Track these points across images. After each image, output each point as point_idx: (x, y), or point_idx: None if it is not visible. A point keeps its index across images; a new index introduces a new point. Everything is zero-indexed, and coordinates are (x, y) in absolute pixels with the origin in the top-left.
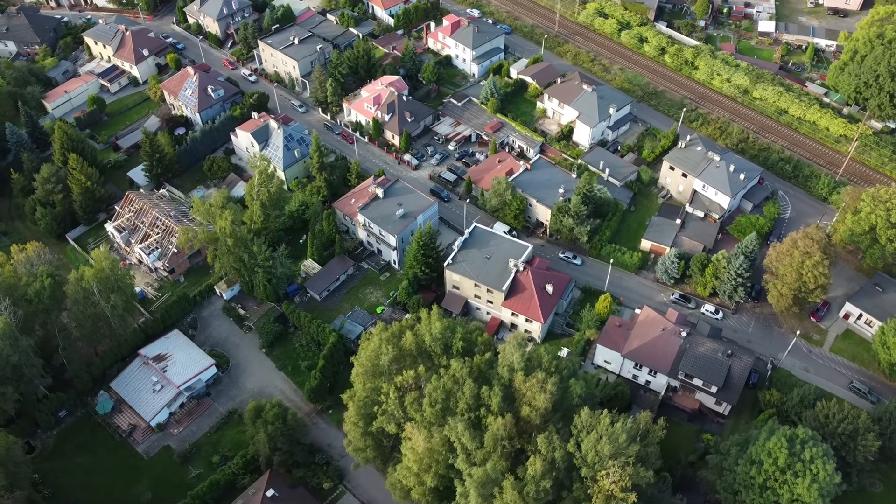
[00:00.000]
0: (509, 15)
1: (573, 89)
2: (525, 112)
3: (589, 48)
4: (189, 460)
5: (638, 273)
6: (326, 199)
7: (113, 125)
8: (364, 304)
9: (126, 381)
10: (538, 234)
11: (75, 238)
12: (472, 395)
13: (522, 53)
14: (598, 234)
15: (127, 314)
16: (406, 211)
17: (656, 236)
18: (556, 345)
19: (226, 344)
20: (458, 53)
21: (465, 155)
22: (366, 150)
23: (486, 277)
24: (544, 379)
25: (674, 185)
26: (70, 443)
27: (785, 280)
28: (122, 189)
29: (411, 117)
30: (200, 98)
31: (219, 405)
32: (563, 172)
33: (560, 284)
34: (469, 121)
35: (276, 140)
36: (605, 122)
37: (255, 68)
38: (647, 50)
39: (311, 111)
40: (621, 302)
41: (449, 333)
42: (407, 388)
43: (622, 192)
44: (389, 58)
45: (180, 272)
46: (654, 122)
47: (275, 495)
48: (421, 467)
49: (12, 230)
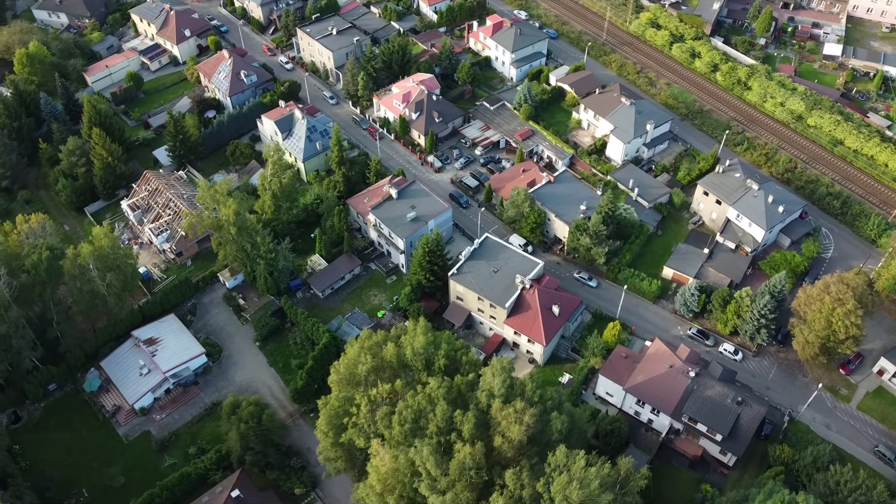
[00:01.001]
0: (557, 19)
1: (610, 101)
2: (560, 122)
3: (636, 59)
4: (166, 448)
5: (656, 302)
6: (342, 194)
7: (148, 103)
8: (366, 306)
9: (116, 361)
10: (555, 250)
11: (93, 213)
12: (445, 417)
13: (566, 60)
14: (617, 257)
15: (125, 294)
16: (418, 214)
17: (680, 264)
18: (558, 370)
19: (221, 333)
20: (498, 56)
21: (491, 161)
22: (391, 147)
23: (490, 291)
24: (523, 409)
25: (707, 211)
26: (55, 417)
27: (812, 327)
28: (146, 167)
29: (439, 118)
30: (232, 82)
31: (205, 395)
32: (588, 188)
33: (568, 306)
34: (499, 126)
35: (299, 130)
36: (641, 139)
37: (292, 56)
38: (699, 66)
39: (341, 104)
40: (633, 331)
41: (432, 349)
42: (381, 401)
43: (650, 215)
44: (427, 55)
45: (188, 256)
46: (696, 142)
47: (240, 496)
48: (385, 487)
49: (36, 199)
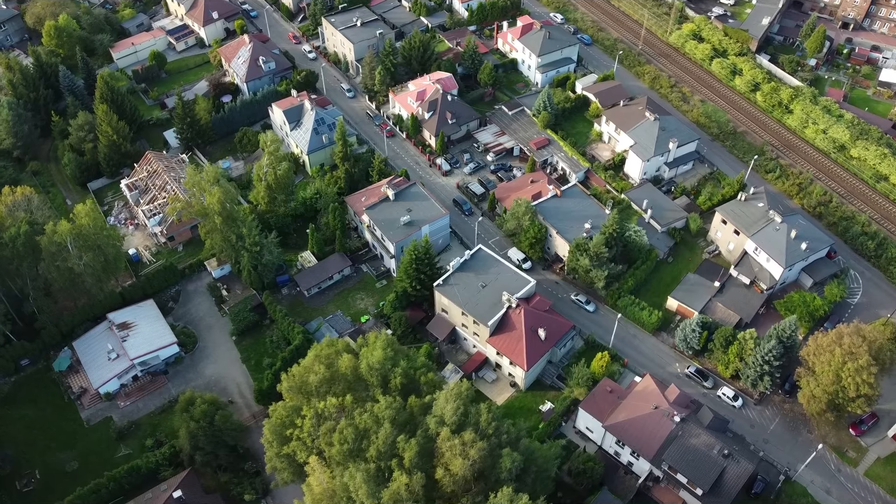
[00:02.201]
0: (594, 25)
1: (634, 115)
2: (580, 133)
3: (672, 72)
4: (125, 437)
5: (656, 334)
6: (343, 191)
7: (168, 83)
8: (350, 309)
9: (88, 342)
10: (555, 269)
11: (96, 189)
12: (387, 441)
13: (597, 68)
14: (618, 282)
15: (106, 275)
16: (413, 218)
17: (686, 296)
18: (540, 397)
19: (200, 324)
20: (524, 59)
21: (502, 168)
22: (401, 146)
23: (474, 307)
24: (471, 442)
25: (724, 241)
26: (23, 393)
27: (820, 380)
28: (156, 147)
29: (453, 119)
30: (250, 68)
31: (172, 386)
32: (597, 206)
33: (558, 330)
34: (515, 133)
35: (306, 122)
36: (663, 157)
37: (317, 46)
38: (738, 84)
39: (358, 97)
40: (625, 364)
41: (389, 365)
42: (328, 416)
43: (662, 239)
44: (451, 53)
45: (180, 241)
46: (724, 165)
47: (181, 498)
48: None
49: (45, 171)
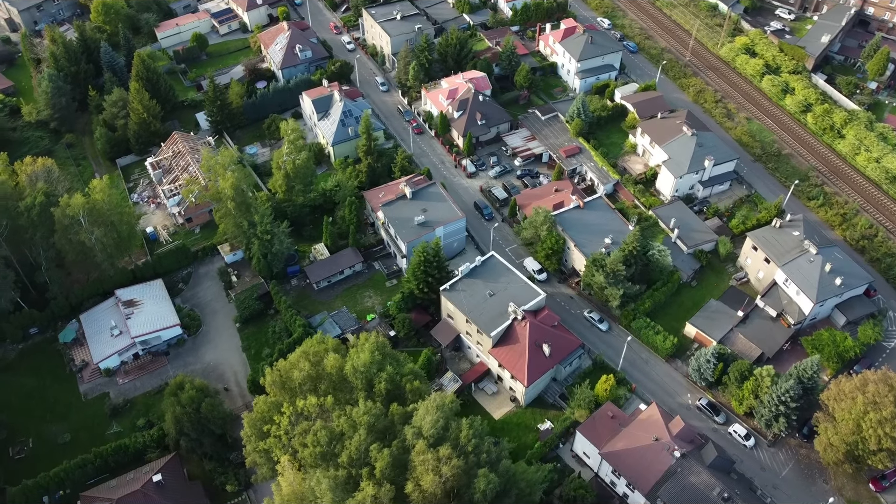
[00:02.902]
0: (642, 33)
1: (670, 129)
2: (614, 143)
3: (718, 87)
4: (118, 415)
5: (670, 361)
6: (364, 185)
7: (208, 65)
8: (357, 306)
9: (94, 316)
10: (571, 283)
11: (124, 166)
12: (361, 448)
13: (640, 78)
14: (635, 302)
15: (118, 251)
16: (428, 219)
17: (706, 324)
18: (540, 415)
19: (206, 308)
20: (564, 63)
21: (528, 174)
22: (429, 144)
23: (478, 315)
24: (447, 457)
25: (753, 268)
26: (27, 361)
27: (839, 428)
28: (187, 128)
29: (482, 120)
30: (286, 55)
31: (171, 368)
32: (620, 220)
33: (564, 347)
34: (546, 138)
35: (334, 113)
36: (697, 175)
37: (356, 37)
38: (789, 103)
39: (392, 92)
40: (633, 389)
41: (374, 370)
42: (307, 415)
43: (687, 261)
44: (489, 53)
45: (198, 223)
46: (764, 188)
47: (160, 482)
48: None
49: (78, 144)
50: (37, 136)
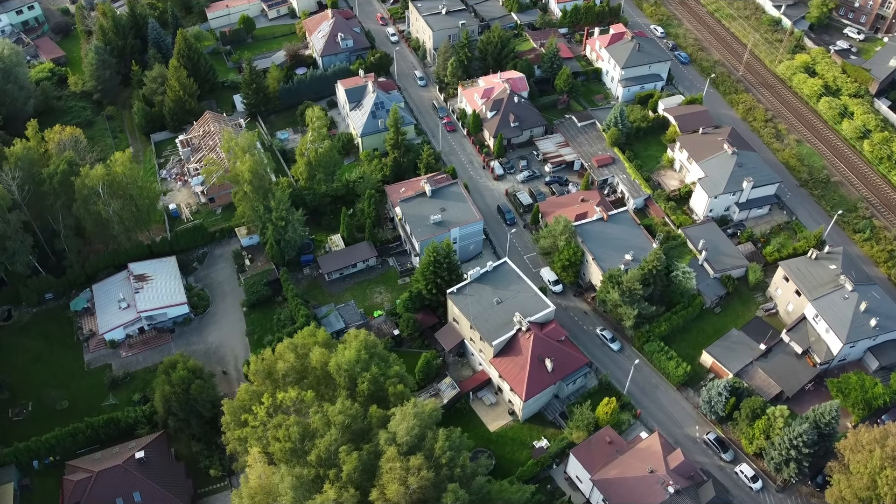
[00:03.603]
0: (696, 44)
1: (710, 146)
2: (651, 156)
3: (770, 105)
4: (117, 387)
5: (681, 389)
6: (388, 179)
7: (253, 48)
8: (366, 301)
9: (105, 287)
10: (587, 297)
11: (157, 141)
12: (330, 448)
13: (689, 90)
14: (650, 324)
15: (136, 225)
16: (444, 219)
17: (723, 354)
18: (538, 431)
19: (217, 289)
20: (609, 70)
21: (557, 181)
22: (459, 143)
23: (482, 322)
24: (417, 468)
25: (783, 300)
26: (38, 326)
27: (853, 481)
28: (224, 109)
29: (515, 122)
30: (327, 43)
31: (174, 345)
32: (645, 237)
33: (569, 364)
34: (580, 146)
35: (366, 104)
36: (734, 196)
37: (401, 30)
38: (845, 128)
39: (429, 87)
40: (638, 415)
41: (358, 369)
42: (284, 409)
43: (712, 286)
44: (533, 54)
45: (220, 204)
46: (806, 216)
47: (143, 459)
48: (251, 502)
49: (118, 116)
50: (80, 106)
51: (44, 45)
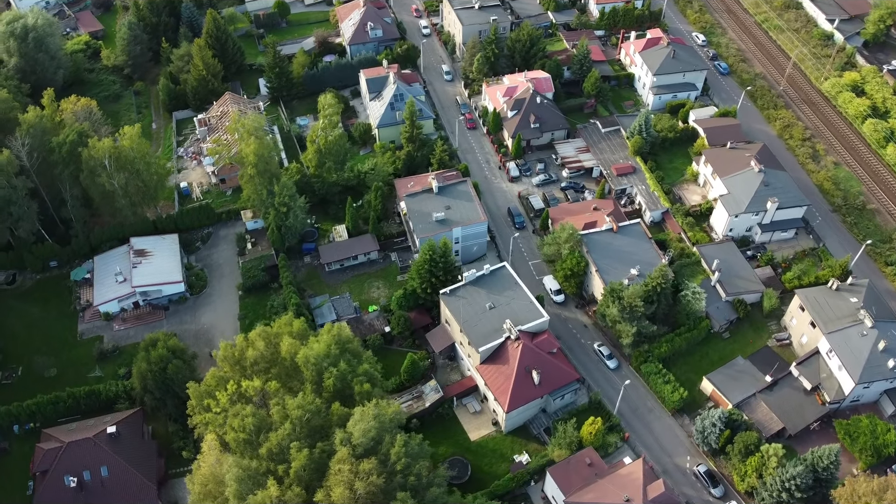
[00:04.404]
0: (738, 54)
1: (737, 161)
2: (675, 168)
3: (810, 124)
4: (105, 359)
5: (675, 415)
6: (399, 172)
7: (285, 33)
8: (362, 295)
9: (106, 260)
10: (589, 311)
11: (179, 119)
12: (282, 443)
13: (725, 102)
14: (650, 344)
15: (143, 200)
16: (448, 217)
17: (725, 382)
18: (520, 445)
19: (216, 270)
20: (641, 76)
21: (573, 187)
22: (478, 141)
23: (472, 327)
24: (366, 472)
25: (797, 331)
26: (39, 292)
27: None
28: (249, 92)
29: (536, 123)
30: (356, 32)
31: (167, 323)
32: (655, 252)
33: (558, 378)
34: (601, 152)
35: (386, 95)
36: (756, 216)
37: (434, 23)
38: (890, 153)
39: (455, 82)
40: (626, 438)
41: (325, 363)
42: (247, 398)
43: (723, 310)
44: (564, 55)
45: (231, 185)
46: (835, 244)
47: (114, 434)
48: (202, 491)
49: (146, 92)
50: (109, 80)
51: (84, 19)
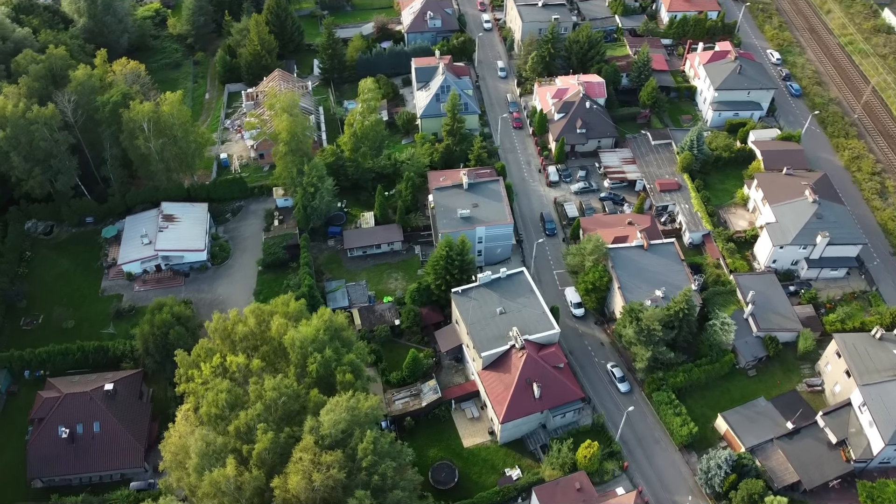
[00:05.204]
0: (814, 76)
1: (790, 189)
2: (725, 190)
3: (883, 157)
4: (120, 318)
5: (683, 451)
6: (436, 164)
7: (348, 16)
8: (380, 284)
9: (136, 221)
10: (607, 329)
11: (231, 92)
12: (250, 423)
13: (791, 126)
14: (665, 372)
15: (179, 166)
16: (473, 215)
17: (741, 423)
18: (514, 459)
19: (240, 243)
20: (703, 89)
21: (613, 199)
22: (522, 141)
23: (478, 330)
24: (327, 465)
25: (831, 378)
26: (72, 246)
27: None
28: (304, 70)
29: (582, 128)
30: (415, 20)
31: (185, 289)
32: (686, 275)
33: (560, 394)
34: (647, 165)
35: (433, 85)
36: (804, 251)
37: (497, 18)
38: None
39: (510, 79)
40: (625, 467)
41: (311, 348)
42: (230, 372)
43: (752, 345)
44: (625, 61)
45: (269, 161)
46: (890, 290)
47: (110, 392)
48: (172, 459)
49: (205, 63)
50: (173, 47)
51: None
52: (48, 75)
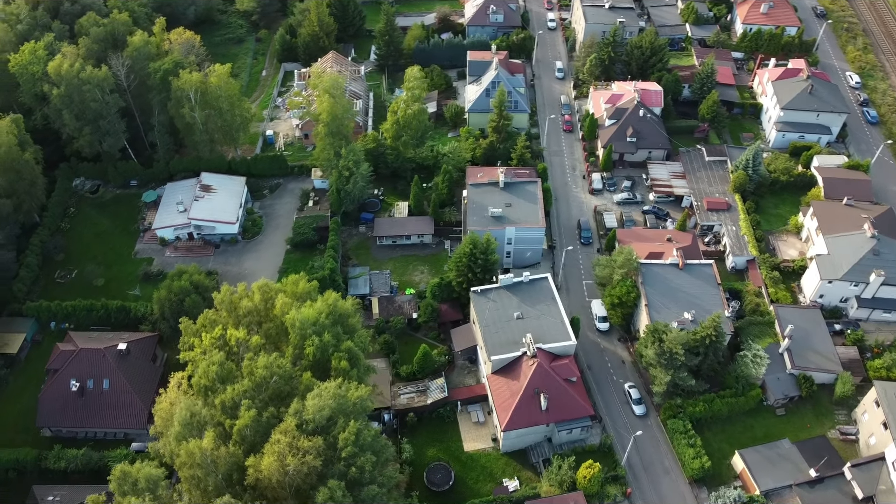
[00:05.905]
0: (894, 105)
1: (848, 220)
2: (778, 215)
3: None
4: (147, 281)
5: (693, 484)
6: (478, 160)
7: (415, 5)
8: (405, 275)
9: (175, 188)
10: (630, 347)
11: (287, 70)
12: (235, 399)
13: (862, 154)
14: (684, 399)
15: (224, 139)
16: (504, 215)
17: (759, 464)
18: (514, 469)
19: (274, 220)
20: (769, 107)
21: (656, 213)
22: (570, 145)
23: (492, 333)
24: (303, 451)
25: (867, 428)
26: (114, 207)
27: None
28: (361, 55)
29: (633, 136)
30: (477, 13)
31: (213, 260)
32: (720, 300)
33: (568, 408)
34: (697, 182)
35: (485, 80)
36: (856, 288)
37: (563, 18)
38: None
39: (567, 80)
40: (628, 494)
41: (310, 330)
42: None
43: (784, 382)
44: (689, 72)
45: (313, 142)
46: None
47: (122, 352)
48: (161, 424)
49: (267, 41)
50: (238, 23)
51: None
52: (108, 38)
